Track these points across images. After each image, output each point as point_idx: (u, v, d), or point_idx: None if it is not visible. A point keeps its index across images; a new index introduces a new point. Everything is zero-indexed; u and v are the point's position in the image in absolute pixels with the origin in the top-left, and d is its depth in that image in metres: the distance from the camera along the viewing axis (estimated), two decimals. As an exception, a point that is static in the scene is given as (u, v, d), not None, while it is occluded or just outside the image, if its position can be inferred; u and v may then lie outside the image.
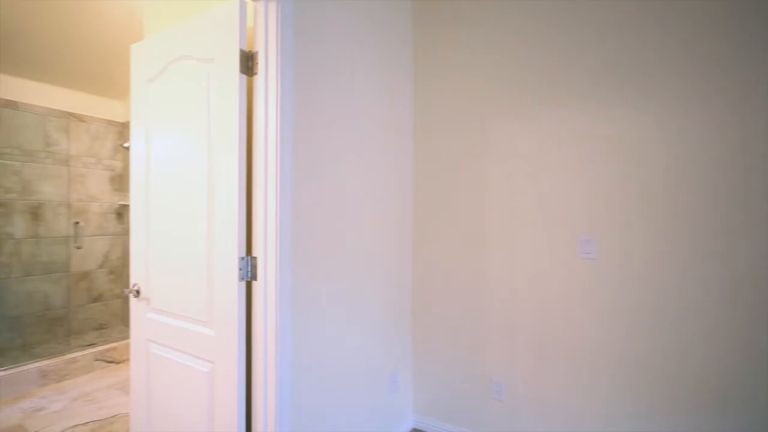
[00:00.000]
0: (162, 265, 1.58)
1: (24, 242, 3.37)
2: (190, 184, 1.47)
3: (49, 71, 3.29)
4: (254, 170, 1.34)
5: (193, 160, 1.46)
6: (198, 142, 1.44)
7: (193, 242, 1.45)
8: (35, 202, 3.43)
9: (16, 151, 3.32)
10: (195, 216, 1.45)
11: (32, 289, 3.41)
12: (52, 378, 2.72)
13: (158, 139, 1.59)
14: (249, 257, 1.34)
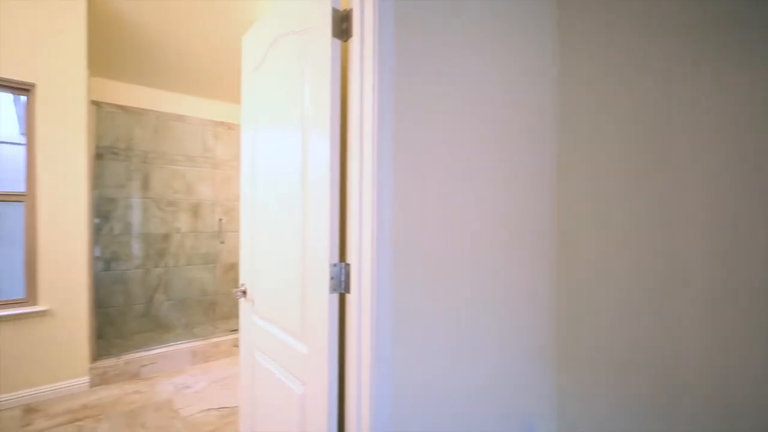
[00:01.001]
0: (263, 267, 1.46)
1: (187, 236, 3.90)
2: (285, 179, 1.30)
3: (205, 87, 3.74)
4: (348, 157, 1.08)
5: (288, 151, 1.28)
6: (293, 128, 1.25)
7: (287, 244, 1.28)
8: (195, 201, 3.94)
9: (182, 158, 3.86)
10: (289, 215, 1.27)
11: (192, 276, 3.93)
12: (200, 358, 3.04)
13: (261, 132, 1.48)
14: (342, 264, 1.09)
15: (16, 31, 2.32)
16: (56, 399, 2.43)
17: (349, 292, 1.07)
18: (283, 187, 1.31)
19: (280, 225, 1.33)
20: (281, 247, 1.32)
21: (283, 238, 1.30)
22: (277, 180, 1.36)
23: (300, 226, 1.21)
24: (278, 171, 1.35)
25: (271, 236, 1.39)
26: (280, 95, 1.34)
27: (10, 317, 2.33)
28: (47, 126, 2.43)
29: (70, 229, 2.51)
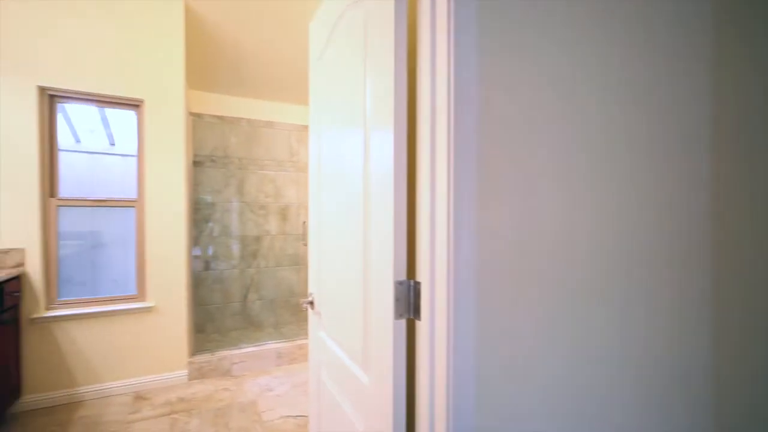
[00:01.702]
0: (328, 279, 1.30)
1: (276, 238, 4.03)
2: (345, 179, 1.12)
3: (290, 93, 3.83)
4: (418, 149, 0.84)
5: (349, 147, 1.10)
6: (353, 121, 1.06)
7: (348, 256, 1.09)
8: (283, 204, 4.05)
9: (271, 163, 4.00)
10: (349, 221, 1.09)
11: (281, 277, 4.05)
12: (285, 359, 3.07)
13: (323, 128, 1.33)
14: (410, 282, 0.86)
15: (127, 54, 2.57)
16: (160, 389, 2.63)
17: (419, 319, 0.83)
18: (344, 188, 1.13)
19: (341, 233, 1.15)
20: (342, 259, 1.14)
21: (345, 249, 1.12)
22: (337, 181, 1.19)
23: (361, 234, 1.01)
24: (339, 171, 1.18)
25: (334, 245, 1.22)
26: (340, 84, 1.16)
27: (125, 311, 2.58)
28: (152, 137, 2.65)
29: (171, 232, 2.71)
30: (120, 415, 2.31)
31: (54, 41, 2.39)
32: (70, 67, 2.43)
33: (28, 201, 2.36)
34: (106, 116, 2.74)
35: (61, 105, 2.54)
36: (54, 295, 2.48)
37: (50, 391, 2.42)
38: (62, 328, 2.44)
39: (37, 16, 2.35)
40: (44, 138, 2.43)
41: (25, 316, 2.36)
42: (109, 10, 2.52)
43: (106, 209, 2.66)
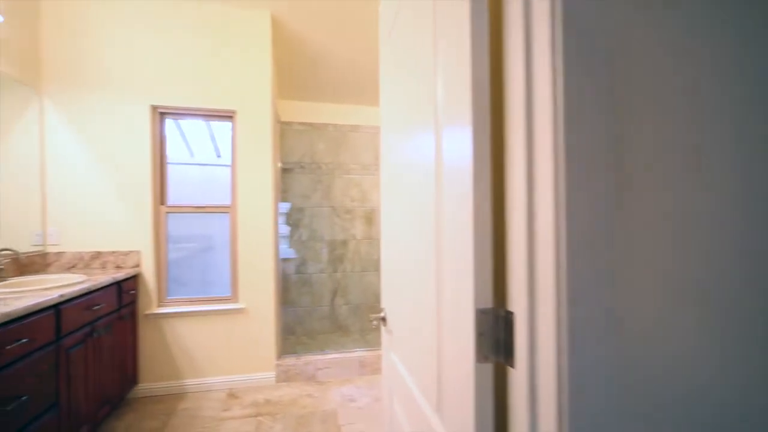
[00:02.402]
0: (398, 294, 1.10)
1: (362, 242, 3.98)
2: (414, 178, 0.91)
3: (375, 95, 3.75)
4: (509, 143, 0.59)
5: (417, 143, 0.88)
6: (422, 111, 0.85)
7: (419, 271, 0.88)
8: (369, 209, 3.99)
9: (357, 167, 3.97)
10: (419, 229, 0.87)
11: (367, 282, 3.98)
12: (368, 369, 2.95)
13: (392, 123, 1.14)
14: (498, 312, 0.61)
15: (221, 67, 2.73)
16: (250, 389, 2.71)
17: (513, 365, 0.58)
18: (411, 191, 0.92)
19: (410, 244, 0.95)
20: (413, 274, 0.93)
21: (414, 262, 0.91)
22: (405, 183, 0.99)
23: (431, 246, 0.79)
24: (405, 172, 0.98)
25: (404, 257, 1.02)
26: (406, 68, 0.96)
27: (220, 312, 2.73)
28: (243, 146, 2.77)
29: (260, 236, 2.80)
30: (213, 411, 2.41)
31: (161, 63, 2.64)
32: (174, 85, 2.66)
33: (143, 208, 2.62)
34: (212, 131, 2.95)
35: (177, 122, 2.81)
36: (164, 293, 2.72)
37: (160, 381, 2.65)
38: (170, 324, 2.66)
39: (145, 44, 2.62)
40: (156, 151, 2.69)
41: (141, 311, 2.62)
42: (202, 28, 2.70)
43: (207, 215, 2.85)
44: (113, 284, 2.25)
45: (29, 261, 2.33)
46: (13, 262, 2.18)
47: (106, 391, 2.16)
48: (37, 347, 1.60)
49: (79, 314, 1.90)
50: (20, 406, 1.49)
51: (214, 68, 2.72)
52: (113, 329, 2.26)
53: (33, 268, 2.36)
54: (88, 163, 2.55)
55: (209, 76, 2.71)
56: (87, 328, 1.97)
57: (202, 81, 2.70)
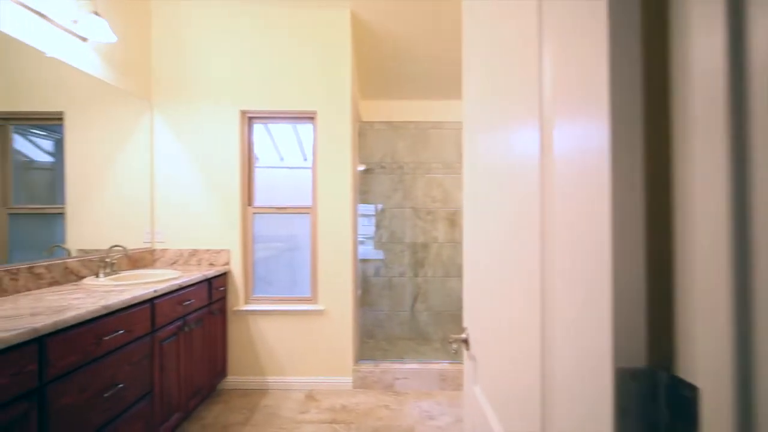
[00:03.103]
0: (485, 315, 0.88)
1: (444, 245, 3.75)
2: (509, 180, 0.68)
3: (458, 88, 3.50)
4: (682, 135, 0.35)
5: (512, 135, 0.66)
6: (519, 98, 0.63)
7: (514, 294, 0.65)
8: (452, 210, 3.74)
9: (440, 165, 3.76)
10: (518, 242, 0.65)
11: (450, 288, 3.74)
12: (449, 384, 2.72)
13: (476, 114, 0.92)
14: (658, 377, 0.37)
15: (302, 68, 2.74)
16: (328, 392, 2.67)
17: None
18: (504, 191, 0.70)
19: (502, 254, 0.73)
20: (505, 294, 0.71)
21: (508, 280, 0.69)
22: (494, 180, 0.76)
23: (534, 261, 0.56)
24: (496, 169, 0.76)
25: (493, 269, 0.80)
26: (498, 40, 0.74)
27: (300, 312, 2.74)
28: (323, 146, 2.75)
29: (339, 237, 2.75)
30: (292, 412, 2.41)
31: (247, 70, 2.75)
32: (260, 90, 2.75)
33: (232, 209, 2.75)
34: (299, 135, 3.00)
35: (266, 126, 2.92)
36: (250, 291, 2.83)
37: (246, 376, 2.75)
38: (255, 321, 2.75)
39: (233, 53, 2.74)
40: (244, 154, 2.81)
41: (230, 308, 2.75)
42: (285, 32, 2.74)
43: (292, 216, 2.89)
44: (203, 281, 2.37)
45: (140, 256, 2.58)
46: (126, 257, 2.42)
47: (197, 382, 2.28)
48: (133, 338, 1.71)
49: (171, 308, 2.02)
50: (117, 393, 1.59)
51: (296, 70, 2.75)
52: (204, 323, 2.38)
53: (142, 263, 2.61)
54: (187, 167, 2.75)
55: (291, 79, 2.75)
56: (179, 321, 2.09)
57: (285, 84, 2.75)
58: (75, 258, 2.07)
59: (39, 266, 1.84)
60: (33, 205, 1.98)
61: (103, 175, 2.35)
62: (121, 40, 2.40)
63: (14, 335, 1.14)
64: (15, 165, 1.88)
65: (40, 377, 1.24)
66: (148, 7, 2.71)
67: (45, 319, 1.28)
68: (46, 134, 2.07)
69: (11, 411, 1.14)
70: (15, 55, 1.81)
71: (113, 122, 2.43)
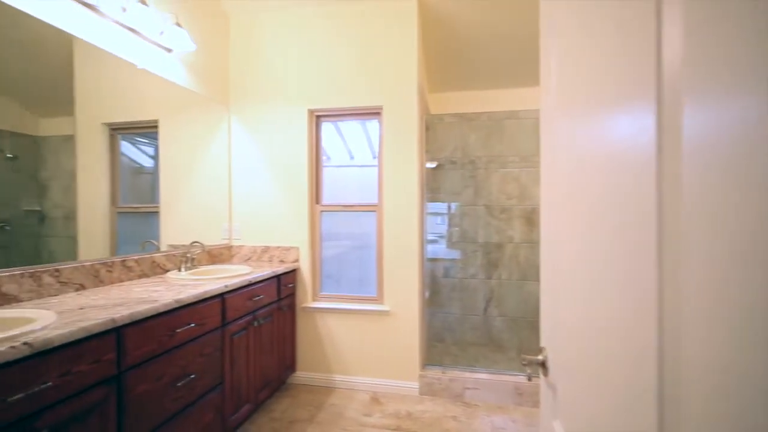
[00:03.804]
0: (573, 343, 0.70)
1: (520, 246, 3.45)
2: (611, 175, 0.51)
3: (536, 73, 3.17)
4: None
5: (616, 119, 0.48)
6: (622, 67, 0.45)
7: (614, 319, 0.48)
8: (529, 207, 3.43)
9: (515, 159, 3.46)
10: (631, 257, 0.47)
11: (527, 292, 3.43)
12: (526, 400, 2.46)
13: (560, 95, 0.73)
14: None
15: (367, 62, 2.68)
16: (394, 396, 2.59)
17: None
18: (599, 185, 0.52)
19: (598, 272, 0.55)
20: (600, 314, 0.53)
21: (608, 302, 0.51)
22: (581, 174, 0.59)
23: (647, 280, 0.39)
24: (586, 162, 0.59)
25: (580, 279, 0.63)
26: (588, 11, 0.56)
27: (366, 312, 2.69)
28: (389, 142, 2.66)
29: (405, 236, 2.64)
30: (356, 414, 2.36)
31: (314, 68, 2.76)
32: (327, 88, 2.75)
33: (301, 207, 2.80)
34: (368, 133, 2.97)
35: (336, 125, 2.93)
36: (317, 288, 2.86)
37: (313, 372, 2.78)
38: (323, 319, 2.77)
39: (301, 53, 2.77)
40: (312, 152, 2.84)
41: (298, 304, 2.80)
42: (350, 27, 2.70)
43: (360, 214, 2.85)
44: (273, 277, 2.43)
45: (218, 252, 2.75)
46: (206, 253, 2.58)
47: (266, 375, 2.34)
48: (205, 331, 1.78)
49: (242, 303, 2.09)
50: (189, 382, 1.67)
51: (361, 65, 2.70)
52: (273, 319, 2.44)
53: (220, 258, 2.77)
54: (260, 167, 2.86)
55: (356, 75, 2.71)
56: (249, 316, 2.16)
57: (350, 80, 2.72)
58: (161, 253, 2.25)
59: (130, 260, 2.02)
60: (136, 205, 2.19)
61: (188, 176, 2.53)
62: (201, 49, 2.56)
63: (94, 325, 1.22)
64: (122, 169, 2.09)
65: (118, 365, 1.33)
66: (226, 18, 2.86)
67: (123, 311, 1.36)
68: (147, 141, 2.28)
69: (92, 396, 1.23)
70: (114, 70, 2.00)
71: (196, 127, 2.61)
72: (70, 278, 1.69)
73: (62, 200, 1.76)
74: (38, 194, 1.67)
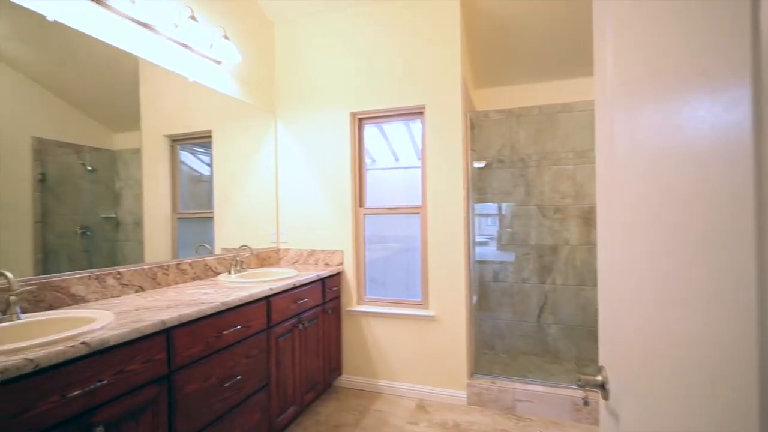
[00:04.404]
0: (640, 364, 0.60)
1: (577, 249, 3.21)
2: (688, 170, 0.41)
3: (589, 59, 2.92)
4: None
5: (694, 106, 0.39)
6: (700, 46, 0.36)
7: (710, 342, 0.38)
8: (586, 206, 3.18)
9: (570, 154, 3.24)
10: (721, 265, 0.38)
11: (585, 299, 3.18)
12: (585, 417, 2.26)
13: (616, 77, 0.63)
14: None
15: (411, 63, 2.63)
16: (440, 405, 2.50)
17: None
18: (668, 184, 0.43)
19: (677, 281, 0.45)
20: (682, 340, 0.44)
21: (689, 318, 0.42)
22: (647, 170, 0.50)
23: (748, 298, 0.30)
24: (652, 155, 0.50)
25: (657, 297, 0.53)
26: None
27: (410, 317, 2.63)
28: (432, 141, 2.59)
29: (450, 238, 2.55)
30: (401, 421, 2.31)
31: (356, 71, 2.76)
32: (368, 90, 2.73)
33: (345, 210, 2.80)
34: (413, 134, 2.92)
35: (380, 127, 2.92)
36: (362, 291, 2.84)
37: (358, 376, 2.76)
38: (368, 322, 2.75)
39: (343, 56, 2.78)
40: (355, 155, 2.83)
41: (343, 307, 2.80)
42: (391, 27, 2.66)
43: (404, 217, 2.81)
44: (317, 281, 2.45)
45: (266, 255, 2.83)
46: (254, 256, 2.67)
47: (312, 378, 2.36)
48: (250, 333, 1.82)
49: (286, 306, 2.12)
50: (236, 383, 1.71)
51: (403, 64, 2.65)
52: (318, 322, 2.46)
53: (268, 261, 2.85)
54: (305, 171, 2.91)
55: (397, 75, 2.66)
56: (294, 319, 2.18)
57: (391, 81, 2.68)
58: (213, 256, 2.35)
59: (184, 263, 2.13)
60: (193, 211, 2.31)
61: (239, 181, 2.63)
62: (248, 58, 2.66)
63: (146, 326, 1.28)
64: (182, 177, 2.22)
65: (169, 365, 1.38)
66: (271, 26, 2.95)
67: (173, 312, 1.42)
68: (203, 150, 2.41)
69: (144, 394, 1.28)
70: (171, 85, 2.12)
71: (245, 135, 2.71)
72: (131, 280, 1.80)
73: (133, 208, 1.91)
74: (113, 203, 1.82)
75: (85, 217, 1.71)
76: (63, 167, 1.64)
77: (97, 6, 1.70)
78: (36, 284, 1.43)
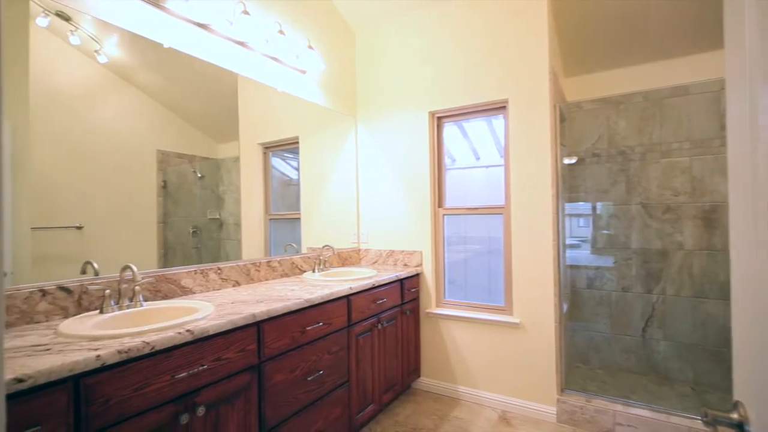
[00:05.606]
0: None
1: (694, 254, 2.77)
2: None
3: (707, 35, 2.49)
4: None
5: None
6: None
7: None
8: (707, 205, 2.73)
9: (684, 145, 2.81)
10: None
11: (705, 313, 2.73)
12: (707, 452, 1.91)
13: None
14: None
15: (491, 56, 2.50)
16: (526, 419, 2.33)
17: None
18: None
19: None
20: None
21: None
22: None
23: None
24: None
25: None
26: None
27: (493, 323, 2.50)
28: (516, 137, 2.43)
29: (537, 240, 2.37)
30: (483, 431, 2.20)
31: (434, 69, 2.70)
32: (447, 87, 2.67)
33: (424, 211, 2.77)
34: (495, 132, 2.80)
35: (460, 125, 2.86)
36: (441, 294, 2.78)
37: (437, 380, 2.71)
38: (447, 326, 2.68)
39: (420, 54, 2.74)
40: (434, 155, 2.79)
41: (422, 309, 2.77)
42: (469, 19, 2.55)
43: (486, 217, 2.69)
44: (396, 281, 2.45)
45: (348, 255, 2.92)
46: (336, 256, 2.77)
47: (390, 377, 2.37)
48: (332, 330, 1.89)
49: (366, 305, 2.15)
50: (318, 378, 1.78)
51: (483, 58, 2.53)
52: (397, 322, 2.46)
53: (350, 261, 2.94)
54: (385, 173, 2.94)
55: (477, 68, 2.55)
56: (373, 318, 2.21)
57: (470, 75, 2.58)
58: (299, 255, 2.49)
59: (274, 261, 2.29)
60: (283, 212, 2.49)
61: (323, 183, 2.77)
62: (330, 66, 2.78)
63: (239, 318, 1.39)
64: (273, 181, 2.42)
65: (259, 355, 1.49)
66: (352, 32, 3.05)
67: (263, 307, 1.53)
68: (292, 155, 2.59)
69: (238, 380, 1.40)
70: (262, 96, 2.31)
71: (329, 139, 2.84)
72: (229, 275, 1.99)
73: (233, 209, 2.12)
74: (217, 205, 2.04)
75: (196, 218, 1.94)
76: (179, 175, 1.87)
77: (201, 30, 1.91)
78: (154, 276, 1.64)
